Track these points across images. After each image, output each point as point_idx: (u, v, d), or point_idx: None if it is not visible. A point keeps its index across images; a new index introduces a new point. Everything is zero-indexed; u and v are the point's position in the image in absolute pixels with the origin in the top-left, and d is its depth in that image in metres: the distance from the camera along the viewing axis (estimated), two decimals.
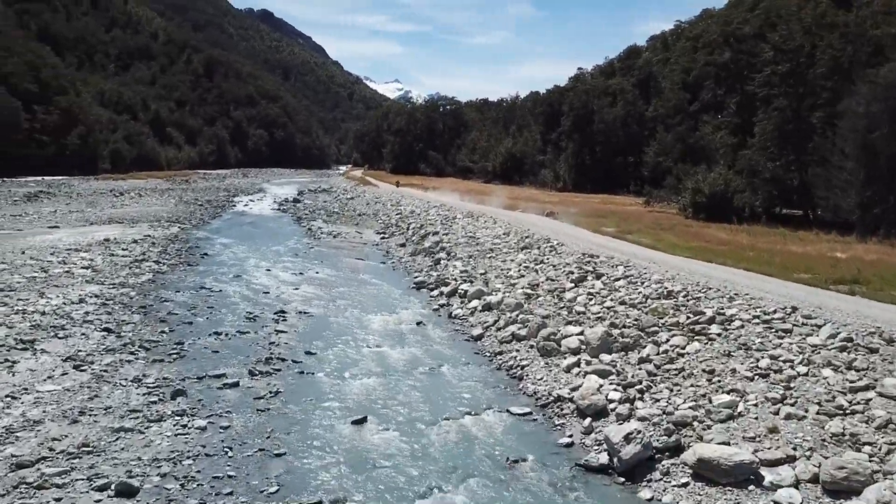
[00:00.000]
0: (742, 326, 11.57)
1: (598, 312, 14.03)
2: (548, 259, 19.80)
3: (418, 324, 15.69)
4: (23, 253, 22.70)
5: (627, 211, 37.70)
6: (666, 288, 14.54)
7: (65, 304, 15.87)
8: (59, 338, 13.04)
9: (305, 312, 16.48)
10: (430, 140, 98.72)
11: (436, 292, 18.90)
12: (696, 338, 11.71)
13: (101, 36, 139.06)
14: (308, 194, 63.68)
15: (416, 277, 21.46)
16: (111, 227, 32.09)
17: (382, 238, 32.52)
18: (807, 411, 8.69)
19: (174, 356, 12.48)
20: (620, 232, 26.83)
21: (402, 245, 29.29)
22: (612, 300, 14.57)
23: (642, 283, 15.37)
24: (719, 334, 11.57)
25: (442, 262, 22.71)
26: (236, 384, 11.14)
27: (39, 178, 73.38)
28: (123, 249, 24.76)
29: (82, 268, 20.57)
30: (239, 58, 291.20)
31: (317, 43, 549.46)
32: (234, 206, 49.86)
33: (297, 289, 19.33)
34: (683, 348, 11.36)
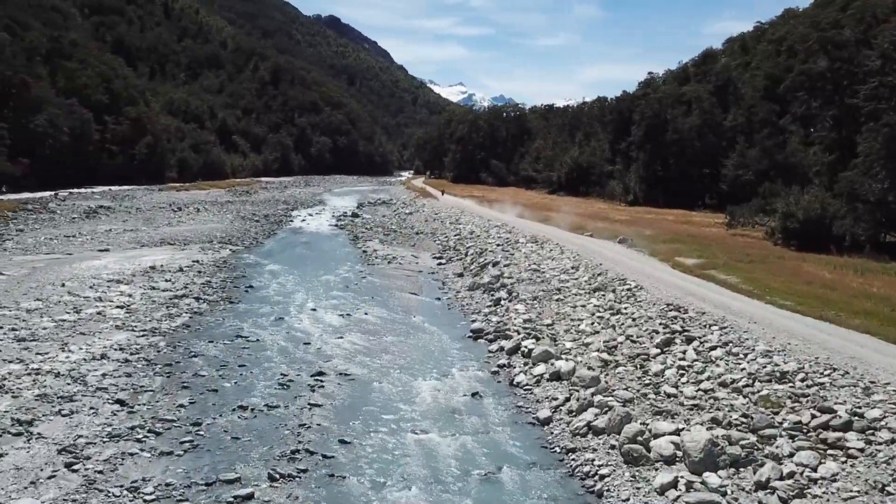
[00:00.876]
0: (894, 441, 8.87)
1: (694, 397, 11.49)
2: (625, 308, 17.25)
3: (474, 395, 13.45)
4: (62, 286, 21.64)
5: (707, 234, 34.46)
6: (776, 365, 11.87)
7: (85, 359, 14.38)
8: (64, 415, 11.41)
9: (346, 374, 14.48)
10: (493, 148, 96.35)
11: (495, 346, 16.62)
12: (828, 452, 9.09)
13: (172, 46, 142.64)
14: (367, 207, 62.36)
15: (473, 322, 19.24)
16: (161, 249, 31.14)
17: (439, 264, 30.46)
18: None
19: (187, 445, 10.63)
20: (704, 266, 23.92)
21: (460, 275, 27.14)
22: (709, 379, 11.99)
23: (745, 354, 12.71)
24: (862, 450, 8.92)
25: (502, 302, 20.42)
26: (251, 497, 9.15)
27: (107, 188, 74.79)
28: (166, 280, 23.48)
29: (117, 307, 19.25)
30: (305, 64, 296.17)
31: (382, 48, 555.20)
32: (292, 221, 48.80)
33: (341, 337, 17.39)
34: (815, 470, 8.76)
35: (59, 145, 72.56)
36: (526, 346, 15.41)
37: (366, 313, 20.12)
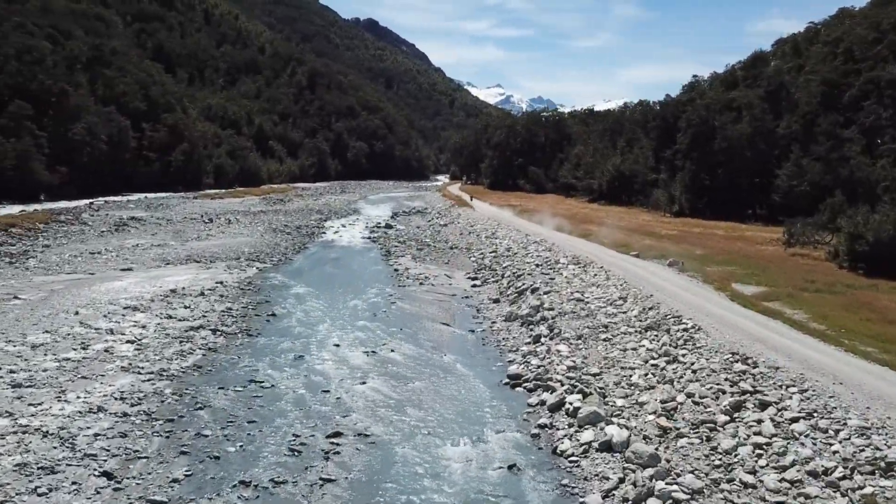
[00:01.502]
0: None
1: (779, 490, 9.51)
2: (683, 355, 15.24)
3: (511, 468, 11.65)
4: (76, 314, 20.52)
5: (764, 255, 31.99)
6: (877, 450, 9.84)
7: (80, 412, 13.03)
8: (40, 494, 9.98)
9: (366, 435, 12.81)
10: (531, 153, 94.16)
11: (535, 398, 14.77)
12: None
13: (211, 51, 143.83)
14: (401, 217, 60.93)
15: (510, 363, 17.45)
16: (186, 268, 30.04)
17: (474, 286, 28.70)
18: None
19: None
20: (766, 296, 21.71)
21: (496, 300, 25.34)
22: (794, 465, 9.98)
23: (835, 431, 10.67)
24: None
25: (542, 339, 18.56)
26: None
27: (143, 195, 74.88)
28: (185, 307, 22.22)
29: (128, 341, 17.98)
30: (343, 67, 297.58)
31: (420, 50, 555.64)
32: (324, 233, 47.58)
33: (364, 383, 15.75)
34: None
35: (97, 153, 72.93)
36: (571, 403, 13.53)
37: (392, 350, 18.45)
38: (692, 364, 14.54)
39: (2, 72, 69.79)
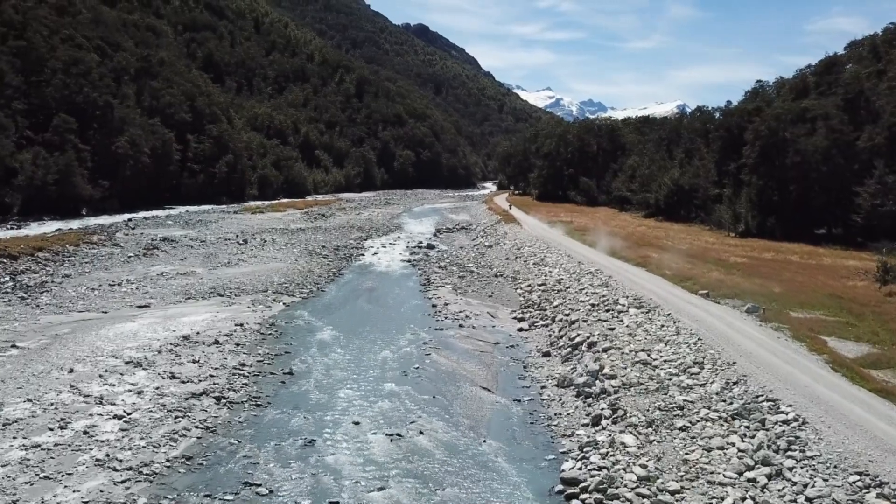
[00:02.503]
0: None
1: None
2: (790, 468, 11.82)
3: None
4: (70, 372, 18.26)
5: (855, 293, 27.84)
6: None
7: None
8: None
9: None
10: (582, 163, 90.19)
11: None
12: None
13: (260, 60, 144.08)
14: (444, 234, 58.12)
15: (563, 455, 14.28)
16: (208, 304, 27.73)
17: (520, 329, 25.54)
18: None
19: None
20: (875, 362, 18.03)
21: (546, 354, 22.14)
22: None
23: None
24: None
25: (603, 422, 15.31)
26: None
27: (185, 209, 74.04)
28: (194, 361, 19.74)
29: (116, 416, 15.46)
30: (392, 73, 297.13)
31: (470, 55, 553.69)
32: (362, 255, 45.03)
33: (382, 489, 12.80)
34: None
35: (140, 166, 72.32)
36: None
37: (421, 432, 15.44)
38: (805, 487, 11.10)
39: (49, 85, 69.76)
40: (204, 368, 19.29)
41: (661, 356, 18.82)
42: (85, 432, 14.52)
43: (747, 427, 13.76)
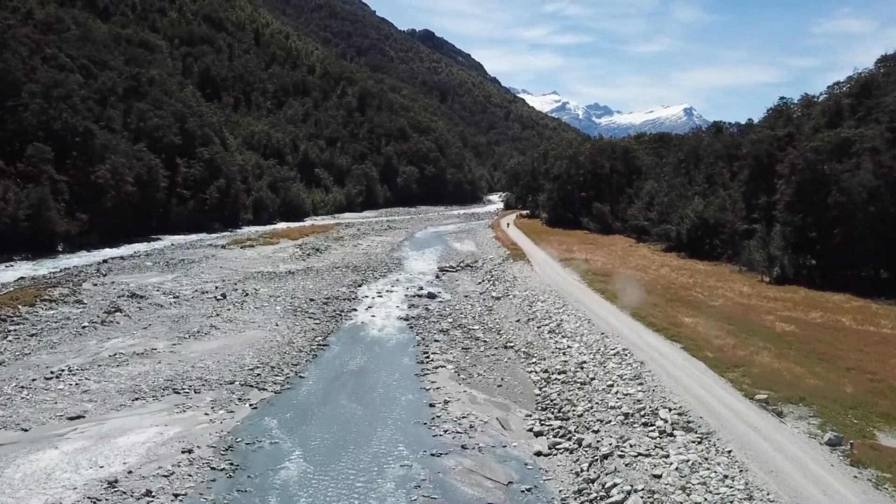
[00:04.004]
0: None
1: None
2: None
3: None
4: None
5: None
6: None
7: None
8: None
9: None
10: (595, 185, 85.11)
11: None
12: None
13: (259, 74, 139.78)
14: (447, 275, 53.15)
15: None
16: (159, 407, 22.88)
17: (538, 454, 20.45)
18: None
19: None
20: None
21: (577, 495, 17.16)
22: None
23: None
24: None
25: None
26: None
27: (172, 240, 69.49)
28: None
29: None
30: (396, 81, 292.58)
31: (475, 60, 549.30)
32: (355, 310, 40.16)
33: None
34: None
35: (123, 196, 67.78)
36: None
37: None
38: None
39: (26, 110, 65.33)
40: None
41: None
42: None
43: None
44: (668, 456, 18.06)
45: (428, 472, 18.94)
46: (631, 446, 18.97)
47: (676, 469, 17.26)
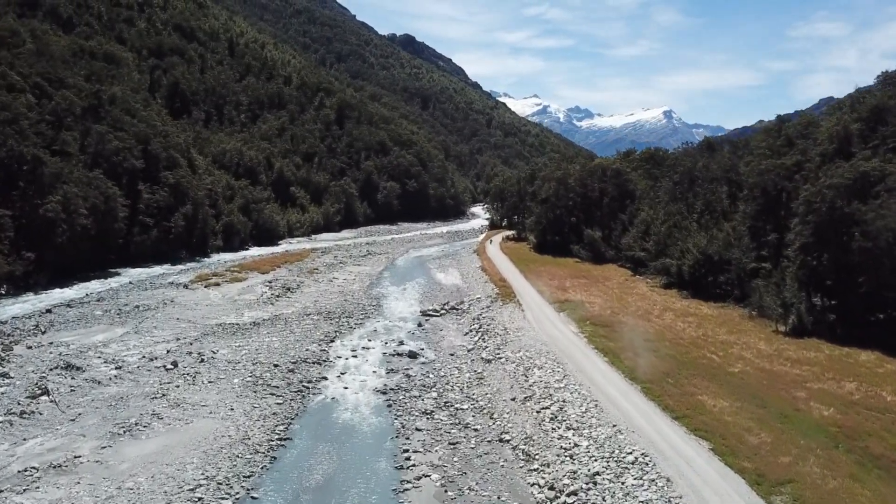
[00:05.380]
0: None
1: None
2: None
3: None
4: None
5: None
6: None
7: None
8: None
9: None
10: (585, 208, 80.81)
11: None
12: None
13: (232, 86, 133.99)
14: (431, 320, 48.33)
15: None
16: None
17: None
18: None
19: None
20: None
21: None
22: None
23: None
24: None
25: None
26: None
27: (132, 273, 64.00)
28: None
29: None
30: (377, 89, 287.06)
31: (457, 64, 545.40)
32: (325, 378, 35.20)
33: None
34: None
35: (77, 228, 62.12)
36: None
37: None
38: None
39: None
40: None
41: None
42: None
43: None
44: None
45: None
46: None
47: None
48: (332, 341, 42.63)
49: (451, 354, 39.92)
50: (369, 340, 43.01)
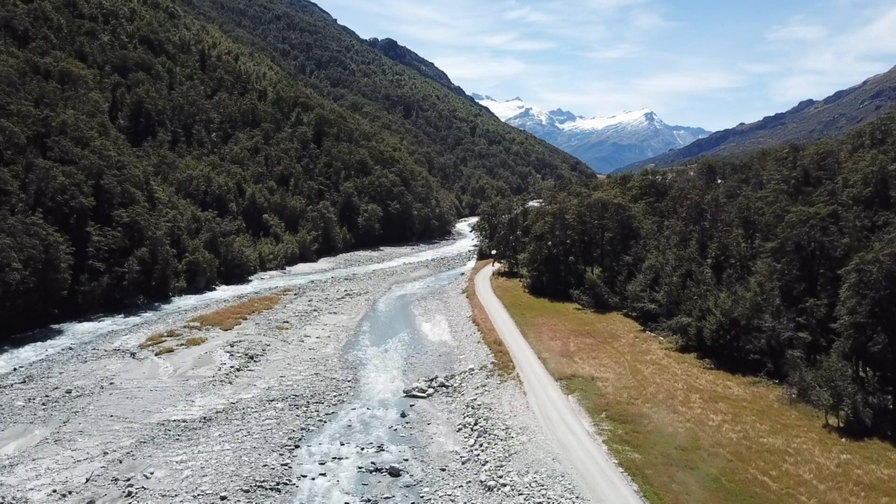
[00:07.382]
0: None
1: None
2: None
3: None
4: None
5: None
6: None
7: None
8: None
9: None
10: (585, 247, 73.95)
11: None
12: None
13: (201, 104, 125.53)
14: (418, 404, 41.04)
15: None
16: None
17: None
18: None
19: None
20: None
21: None
22: None
23: None
24: None
25: None
26: None
27: (76, 330, 56.02)
28: None
29: None
30: (358, 97, 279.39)
31: (439, 69, 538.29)
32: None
33: None
34: None
35: (11, 284, 54.22)
36: None
37: None
38: None
39: None
40: None
41: None
42: None
43: None
44: None
45: None
46: None
47: None
48: (297, 447, 35.21)
49: (443, 469, 32.69)
50: (342, 445, 35.62)
